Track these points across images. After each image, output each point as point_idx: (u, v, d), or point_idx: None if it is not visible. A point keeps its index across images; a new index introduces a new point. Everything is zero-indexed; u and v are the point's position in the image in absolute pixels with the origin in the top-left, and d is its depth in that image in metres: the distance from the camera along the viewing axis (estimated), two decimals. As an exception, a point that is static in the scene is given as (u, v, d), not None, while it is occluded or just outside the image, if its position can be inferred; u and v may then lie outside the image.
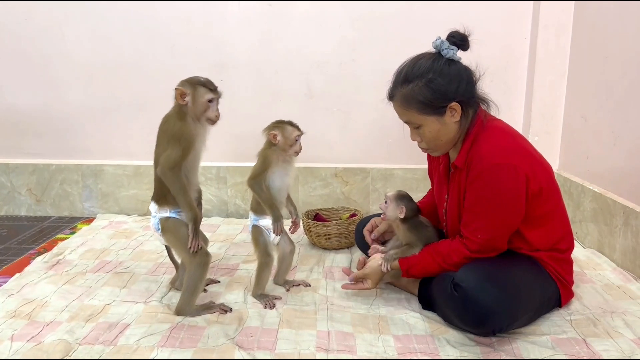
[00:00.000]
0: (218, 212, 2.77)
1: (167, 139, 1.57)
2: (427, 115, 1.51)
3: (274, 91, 2.66)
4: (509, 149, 1.49)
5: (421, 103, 1.49)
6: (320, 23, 2.58)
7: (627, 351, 1.42)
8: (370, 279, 1.69)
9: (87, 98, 2.70)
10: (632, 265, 1.92)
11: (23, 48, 2.65)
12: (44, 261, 2.05)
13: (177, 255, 1.71)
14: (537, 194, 1.50)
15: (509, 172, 1.45)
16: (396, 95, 1.54)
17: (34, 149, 2.78)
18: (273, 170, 1.71)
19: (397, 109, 1.56)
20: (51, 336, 1.49)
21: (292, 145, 1.72)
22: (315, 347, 1.45)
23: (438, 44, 1.51)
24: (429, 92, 1.47)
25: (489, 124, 1.54)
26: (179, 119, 1.57)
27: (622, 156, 2.04)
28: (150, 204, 1.66)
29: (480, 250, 1.51)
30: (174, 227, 1.61)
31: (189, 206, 1.57)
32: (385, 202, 1.72)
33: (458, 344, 1.46)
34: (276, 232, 1.70)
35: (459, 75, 1.49)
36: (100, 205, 2.79)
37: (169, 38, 2.61)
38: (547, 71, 2.51)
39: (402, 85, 1.51)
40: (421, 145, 1.61)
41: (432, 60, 1.50)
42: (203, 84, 1.60)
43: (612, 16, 2.12)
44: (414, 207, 1.71)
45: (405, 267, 1.63)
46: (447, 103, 1.49)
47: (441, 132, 1.53)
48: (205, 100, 1.59)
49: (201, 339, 1.48)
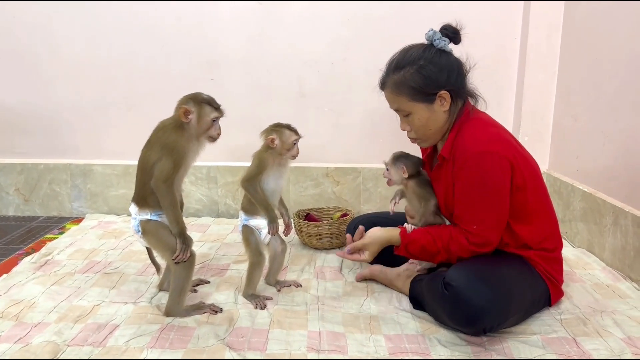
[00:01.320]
0: (208, 212, 2.76)
1: (160, 147, 1.54)
2: (417, 102, 1.53)
3: (266, 90, 2.65)
4: (492, 137, 1.51)
5: (412, 89, 1.51)
6: (312, 22, 2.57)
7: (617, 350, 1.43)
8: (369, 250, 1.67)
9: (76, 97, 2.67)
10: (622, 265, 1.94)
11: (11, 46, 2.62)
12: (32, 262, 2.02)
13: (160, 257, 1.69)
14: (521, 186, 1.51)
15: (493, 160, 1.46)
16: (387, 82, 1.56)
17: (22, 148, 2.75)
18: (268, 173, 1.70)
19: (388, 96, 1.58)
20: (39, 337, 1.47)
21: (289, 149, 1.72)
22: (306, 347, 1.44)
23: (430, 35, 1.54)
24: (420, 78, 1.50)
25: (475, 115, 1.57)
26: (175, 130, 1.55)
27: (611, 156, 2.06)
28: (131, 205, 1.63)
29: (478, 243, 1.51)
30: (155, 230, 1.60)
31: (176, 221, 1.56)
32: (387, 169, 1.74)
33: (449, 344, 1.46)
34: (272, 232, 1.70)
35: (449, 65, 1.52)
36: (89, 205, 2.76)
37: (159, 36, 2.59)
38: (537, 71, 2.52)
39: (393, 72, 1.54)
40: (410, 134, 1.63)
41: (423, 49, 1.53)
42: (208, 102, 1.58)
43: (602, 17, 2.13)
44: (416, 161, 1.72)
45: (405, 240, 1.63)
46: (437, 90, 1.51)
47: (430, 121, 1.55)
48: (210, 119, 1.58)
49: (191, 340, 1.47)
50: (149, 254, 1.75)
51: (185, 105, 1.55)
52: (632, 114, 1.92)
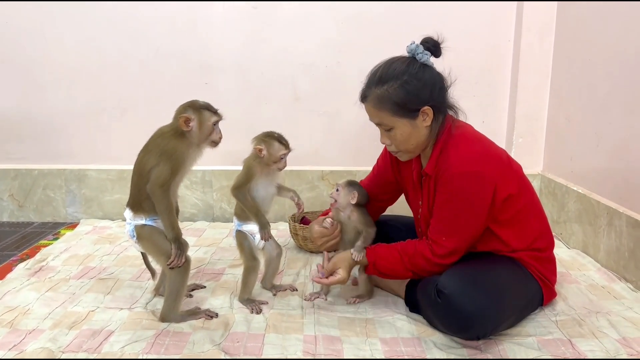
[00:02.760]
0: (204, 216, 2.75)
1: (158, 152, 1.54)
2: (400, 117, 1.51)
3: (260, 93, 2.65)
4: (477, 156, 1.50)
5: (395, 104, 1.49)
6: (306, 25, 2.58)
7: (612, 351, 1.43)
8: (341, 267, 1.66)
9: (70, 101, 2.67)
10: (616, 266, 1.94)
11: (4, 51, 2.61)
12: (27, 268, 2.01)
13: (155, 262, 1.69)
14: (506, 198, 1.51)
15: (477, 180, 1.47)
16: (370, 96, 1.53)
17: (16, 153, 2.74)
18: (257, 182, 1.69)
19: (370, 109, 1.56)
20: (34, 344, 1.46)
21: (276, 162, 1.70)
22: (302, 351, 1.44)
23: (413, 48, 1.52)
24: (404, 93, 1.48)
25: (458, 130, 1.55)
26: (175, 137, 1.55)
27: (605, 157, 2.07)
28: (125, 210, 1.63)
29: (443, 255, 1.52)
30: (149, 235, 1.59)
31: (172, 226, 1.56)
32: (337, 190, 1.75)
33: (445, 347, 1.46)
34: (264, 238, 1.70)
35: (432, 80, 1.51)
36: (83, 211, 2.75)
37: (153, 40, 2.59)
38: (530, 73, 2.53)
39: (376, 85, 1.51)
40: (390, 148, 1.62)
41: (407, 63, 1.51)
42: (206, 107, 1.59)
43: (595, 18, 2.14)
44: (365, 194, 1.76)
45: (372, 259, 1.63)
46: (420, 106, 1.50)
47: (412, 136, 1.54)
48: (211, 123, 1.58)
49: (186, 345, 1.46)
50: (144, 259, 1.75)
51: (185, 113, 1.55)
52: (625, 115, 1.93)
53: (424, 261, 1.54)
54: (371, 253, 1.63)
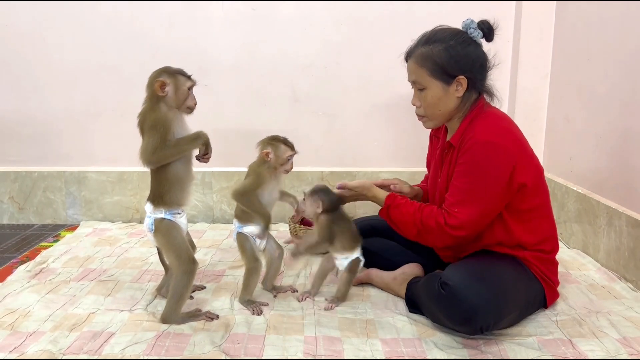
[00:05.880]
0: (204, 217, 2.75)
1: (146, 131, 1.55)
2: (435, 79, 1.56)
3: (259, 95, 2.65)
4: (502, 131, 1.53)
5: (435, 64, 1.55)
6: (305, 26, 2.58)
7: (613, 351, 1.43)
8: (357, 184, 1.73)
9: (69, 103, 2.67)
10: (616, 265, 1.94)
11: (3, 53, 2.61)
12: (27, 270, 2.01)
13: (166, 258, 1.69)
14: (521, 186, 1.52)
15: (497, 151, 1.48)
16: (414, 53, 1.59)
17: (15, 156, 2.74)
18: (264, 188, 1.70)
19: (411, 66, 1.61)
20: (34, 346, 1.46)
21: (283, 164, 1.71)
22: (303, 352, 1.44)
23: (467, 23, 1.59)
24: (446, 55, 1.54)
25: (490, 109, 1.60)
26: (153, 109, 1.57)
27: (604, 157, 2.07)
28: (146, 204, 1.64)
29: (454, 226, 1.51)
30: (166, 230, 1.59)
31: (188, 140, 1.57)
32: (304, 199, 1.74)
33: (445, 347, 1.47)
34: (262, 237, 1.70)
35: (476, 54, 1.57)
36: (84, 213, 2.75)
37: (151, 42, 2.59)
38: (530, 73, 2.53)
39: (423, 45, 1.58)
40: (419, 111, 1.65)
41: (456, 32, 1.59)
42: (181, 72, 1.60)
43: (594, 18, 2.15)
44: (333, 199, 1.72)
45: (389, 201, 1.65)
46: (457, 73, 1.54)
47: (442, 101, 1.58)
48: (186, 88, 1.59)
49: (187, 347, 1.46)
50: (159, 254, 1.75)
51: (160, 77, 1.56)
52: (624, 115, 1.94)
53: (435, 224, 1.54)
54: (391, 197, 1.66)
